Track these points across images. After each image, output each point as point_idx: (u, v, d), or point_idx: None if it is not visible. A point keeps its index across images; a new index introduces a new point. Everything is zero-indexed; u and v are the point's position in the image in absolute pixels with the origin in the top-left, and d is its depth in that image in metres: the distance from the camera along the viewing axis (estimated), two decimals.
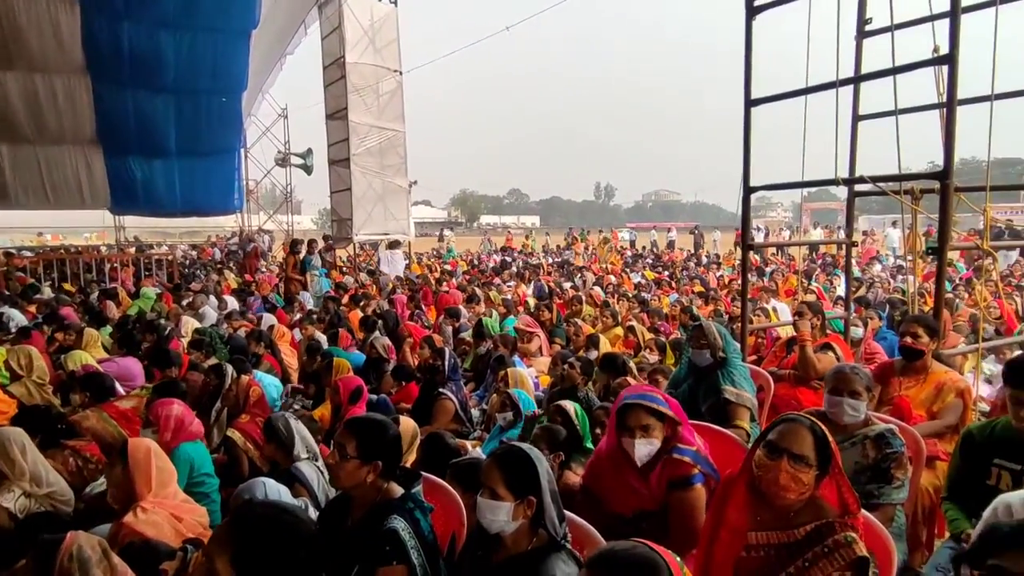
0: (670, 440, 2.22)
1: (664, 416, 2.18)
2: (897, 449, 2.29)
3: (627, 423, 2.17)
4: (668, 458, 2.18)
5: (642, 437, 2.14)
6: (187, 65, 10.39)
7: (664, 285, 9.93)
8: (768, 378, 3.54)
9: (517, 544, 1.63)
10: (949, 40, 3.31)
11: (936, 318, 3.44)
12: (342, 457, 1.74)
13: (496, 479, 1.60)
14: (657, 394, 2.27)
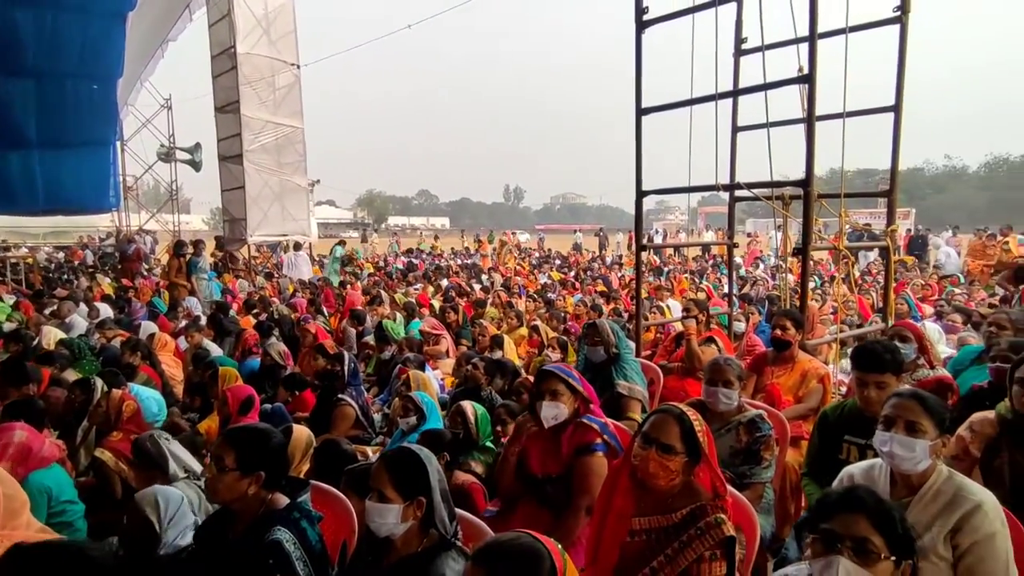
0: (581, 410, 2.43)
1: (574, 389, 2.38)
2: (765, 432, 2.51)
3: (540, 387, 2.40)
4: (579, 422, 2.40)
5: (550, 400, 2.35)
6: (50, 47, 9.25)
7: (569, 286, 10.23)
8: (658, 371, 3.76)
9: (407, 546, 1.61)
10: (808, 62, 3.69)
11: (801, 312, 3.81)
12: (219, 470, 1.64)
13: (384, 481, 1.58)
14: (572, 372, 2.48)
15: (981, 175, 66.44)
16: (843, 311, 6.22)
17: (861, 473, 1.96)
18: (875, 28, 4.31)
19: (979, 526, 1.66)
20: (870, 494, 1.36)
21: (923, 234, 19.84)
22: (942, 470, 1.80)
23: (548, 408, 2.34)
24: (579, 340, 4.01)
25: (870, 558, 1.28)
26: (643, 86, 4.40)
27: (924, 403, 1.80)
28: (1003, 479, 2.08)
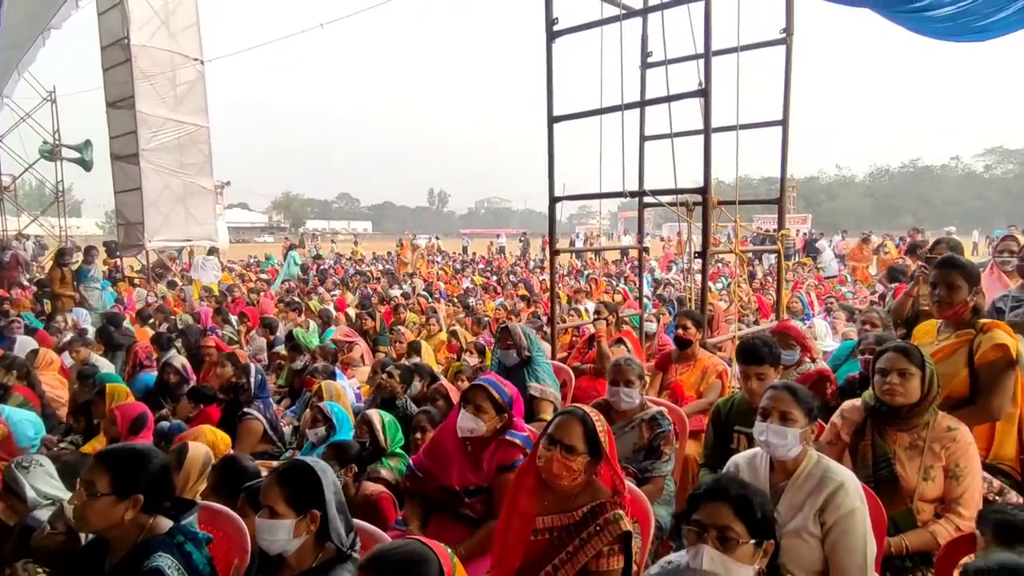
0: (506, 426, 2.41)
1: (500, 406, 2.36)
2: (665, 428, 2.65)
3: (466, 397, 2.38)
4: (502, 439, 2.38)
5: (472, 413, 2.33)
6: None
7: (491, 290, 10.28)
8: (570, 373, 3.86)
9: (302, 561, 1.57)
10: (704, 77, 3.93)
11: (702, 312, 4.04)
12: (90, 495, 1.52)
13: (275, 497, 1.53)
14: (504, 386, 2.45)
15: (867, 183, 73.24)
16: (740, 310, 6.64)
17: (745, 461, 2.10)
18: (764, 48, 4.66)
19: (841, 503, 1.82)
20: (733, 484, 1.46)
21: (816, 238, 21.58)
22: (812, 455, 1.97)
23: (466, 419, 2.32)
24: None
25: (732, 544, 1.38)
26: (554, 94, 4.51)
27: (795, 394, 1.96)
28: (867, 460, 2.30)
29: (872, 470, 2.28)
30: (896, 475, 2.22)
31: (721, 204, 4.52)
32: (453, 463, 2.33)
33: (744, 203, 4.92)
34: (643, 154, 5.33)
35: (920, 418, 2.23)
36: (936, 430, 2.21)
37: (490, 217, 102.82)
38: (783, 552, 1.86)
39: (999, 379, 2.38)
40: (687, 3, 4.01)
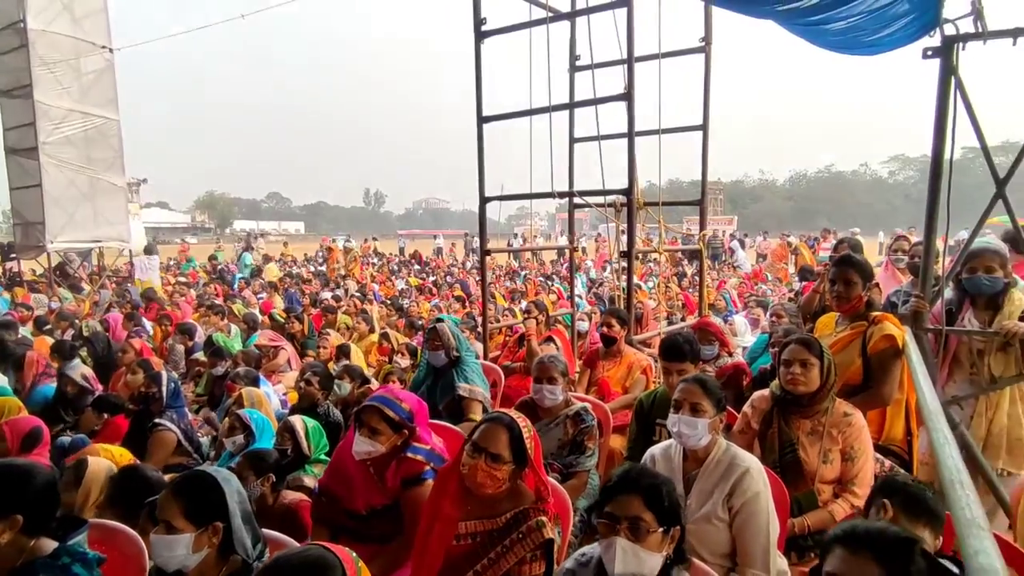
0: (407, 441, 2.30)
1: (396, 423, 2.24)
2: (589, 423, 2.70)
3: (359, 419, 2.24)
4: (403, 457, 2.26)
5: (366, 436, 2.20)
6: None
7: (426, 291, 10.17)
8: (499, 372, 3.87)
9: None
10: (627, 82, 4.04)
11: (628, 311, 4.15)
12: None
13: (172, 511, 1.44)
14: (399, 400, 2.31)
15: (787, 187, 77.83)
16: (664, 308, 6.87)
17: (661, 452, 2.18)
18: (684, 55, 4.85)
19: (747, 488, 1.92)
20: (643, 475, 1.51)
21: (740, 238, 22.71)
22: (721, 443, 2.06)
23: (361, 443, 2.18)
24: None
25: (643, 533, 1.42)
26: (483, 94, 4.52)
27: (704, 386, 2.06)
28: (774, 446, 2.43)
29: (778, 455, 2.42)
30: (799, 459, 2.36)
31: (647, 205, 4.67)
32: (356, 486, 2.22)
33: (668, 204, 5.10)
34: (572, 156, 5.42)
35: (820, 405, 2.39)
36: (834, 416, 2.37)
37: (428, 218, 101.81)
38: (694, 537, 1.95)
39: (888, 367, 2.58)
40: (611, 9, 4.11)
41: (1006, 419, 2.78)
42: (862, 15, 2.35)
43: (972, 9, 2.71)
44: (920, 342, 2.88)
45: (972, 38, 2.68)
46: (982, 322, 2.83)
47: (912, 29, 2.66)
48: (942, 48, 2.72)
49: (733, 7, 2.53)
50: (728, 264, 17.19)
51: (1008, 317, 2.74)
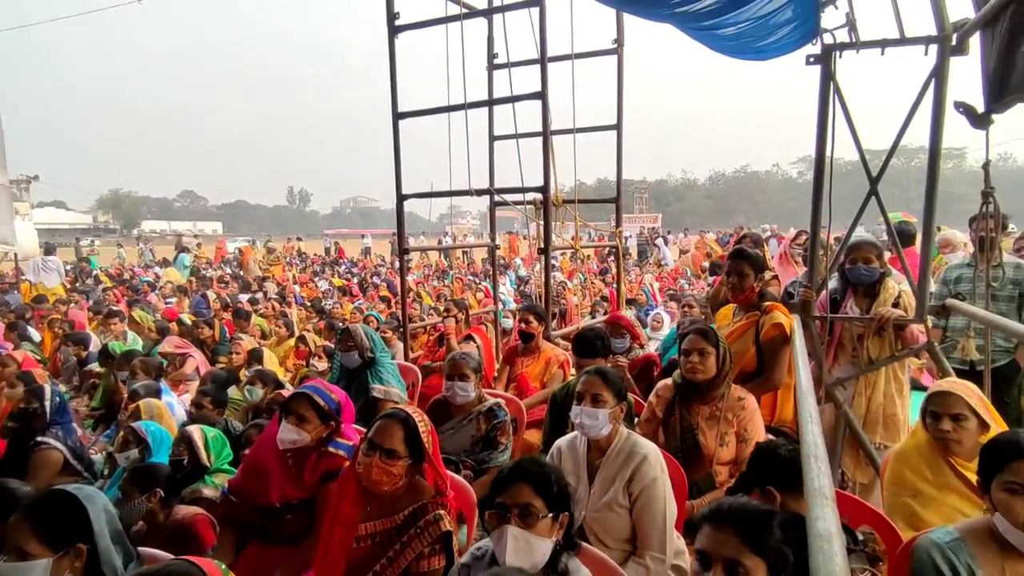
0: (331, 435, 2.28)
1: (325, 412, 2.22)
2: (502, 419, 2.71)
3: (287, 407, 2.21)
4: (324, 451, 2.24)
5: (293, 424, 2.17)
6: None
7: (349, 292, 9.91)
8: (417, 372, 3.83)
9: None
10: (540, 81, 4.09)
11: (546, 307, 4.22)
12: None
13: (24, 536, 1.32)
14: (330, 391, 2.30)
15: (707, 186, 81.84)
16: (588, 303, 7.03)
17: (566, 444, 2.22)
18: (597, 56, 4.97)
19: (646, 474, 1.99)
20: (533, 464, 1.53)
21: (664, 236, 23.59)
22: (623, 432, 2.13)
23: (287, 431, 2.15)
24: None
25: (533, 519, 1.45)
26: (398, 90, 4.44)
27: (604, 377, 2.11)
28: (676, 433, 2.54)
29: (680, 441, 2.53)
30: (699, 443, 2.48)
31: (566, 203, 4.75)
32: (273, 478, 2.15)
33: (584, 202, 5.22)
34: (493, 153, 5.44)
35: (717, 391, 2.52)
36: (729, 400, 2.51)
37: (357, 217, 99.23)
38: (597, 524, 2.01)
39: (778, 354, 2.76)
40: (524, 8, 4.14)
41: (882, 397, 3.04)
42: (749, 22, 2.49)
43: (847, 20, 2.94)
44: (809, 329, 3.10)
45: (847, 47, 2.91)
46: (862, 309, 3.08)
47: (795, 37, 2.85)
48: (822, 56, 2.93)
49: (630, 9, 2.61)
50: (655, 261, 17.82)
51: (883, 304, 2.99)
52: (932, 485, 2.04)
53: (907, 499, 2.07)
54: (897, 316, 2.90)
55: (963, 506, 1.96)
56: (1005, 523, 1.37)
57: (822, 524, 0.93)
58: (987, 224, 2.91)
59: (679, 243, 22.78)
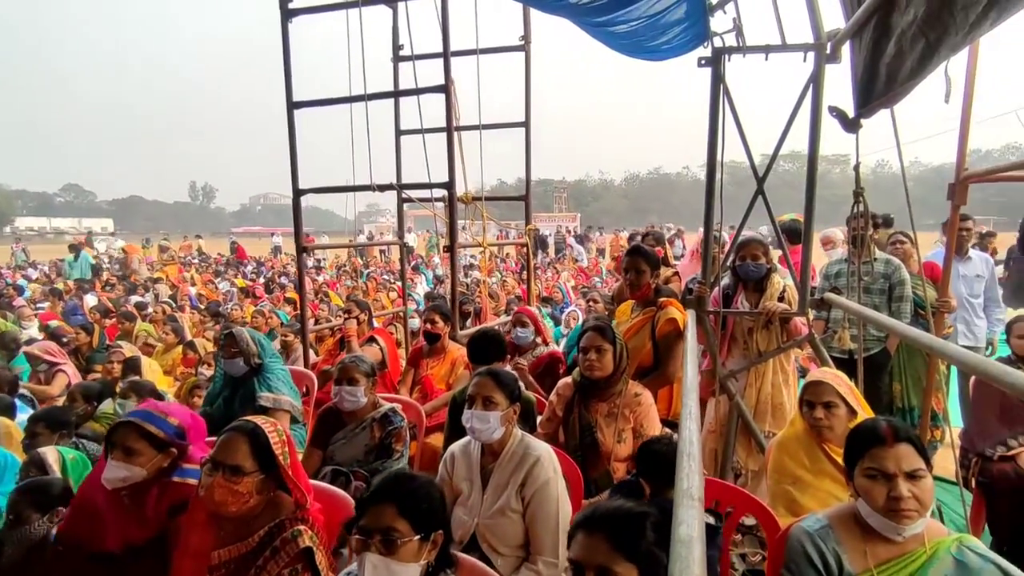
0: (175, 462, 1.97)
1: (161, 442, 1.91)
2: (397, 425, 2.58)
3: (111, 440, 1.87)
4: (167, 482, 1.93)
5: (120, 460, 1.83)
6: None
7: (252, 294, 9.33)
8: (312, 378, 3.61)
9: None
10: (444, 75, 3.97)
11: (452, 306, 4.11)
12: None
13: None
14: (165, 414, 1.96)
15: (623, 187, 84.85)
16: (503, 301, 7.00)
17: (460, 449, 2.14)
18: (504, 52, 4.93)
19: (538, 476, 1.95)
20: (399, 481, 1.42)
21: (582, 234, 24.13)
22: (516, 434, 2.07)
23: (113, 468, 1.81)
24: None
25: (395, 545, 1.32)
26: (292, 77, 4.18)
27: (496, 379, 2.05)
28: (575, 431, 2.53)
29: (579, 439, 2.51)
30: (597, 441, 2.47)
31: (475, 200, 4.67)
32: (108, 521, 1.84)
33: (493, 199, 5.16)
34: (399, 148, 5.26)
35: (615, 388, 2.52)
36: (626, 397, 2.52)
37: (268, 215, 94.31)
38: (489, 531, 1.93)
39: (672, 348, 2.81)
40: None
41: (770, 387, 3.18)
42: (640, 20, 2.51)
43: (734, 25, 3.05)
44: (703, 324, 3.20)
45: (735, 51, 3.01)
46: (751, 304, 3.22)
47: (687, 38, 2.91)
48: (712, 59, 3.02)
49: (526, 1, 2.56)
50: (570, 258, 18.16)
51: (769, 299, 3.14)
52: (809, 471, 2.13)
53: (787, 486, 2.16)
54: (782, 310, 3.05)
55: (837, 490, 2.05)
56: (866, 507, 1.43)
57: (684, 529, 0.90)
58: (858, 223, 3.12)
59: (596, 242, 23.39)
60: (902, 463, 1.38)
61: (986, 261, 4.57)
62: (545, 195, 67.14)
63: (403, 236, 5.61)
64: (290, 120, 4.22)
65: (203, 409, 3.13)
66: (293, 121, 4.23)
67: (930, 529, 1.42)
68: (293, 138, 4.25)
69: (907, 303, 3.96)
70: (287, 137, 4.28)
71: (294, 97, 4.19)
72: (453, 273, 4.20)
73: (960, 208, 3.72)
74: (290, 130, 4.24)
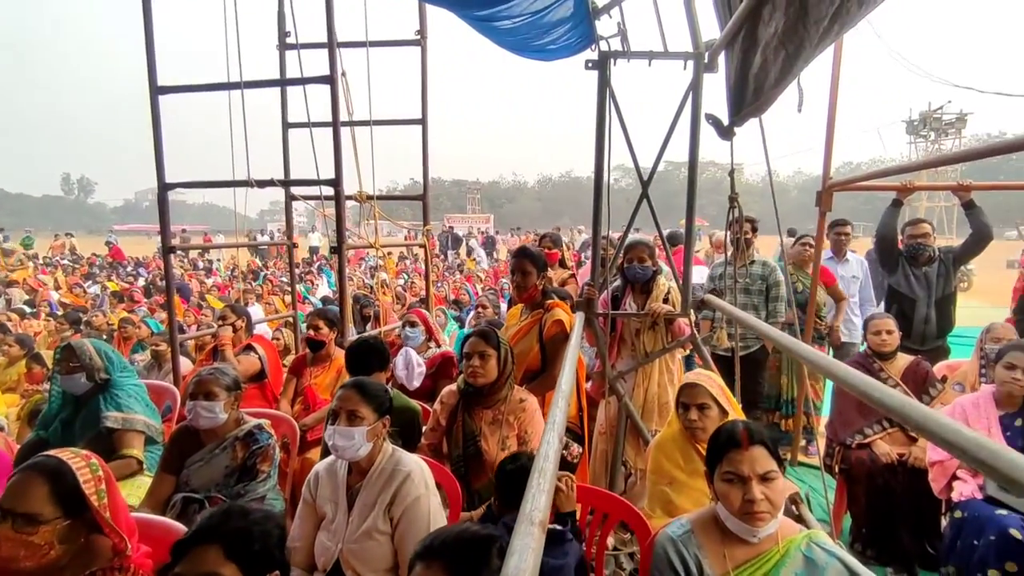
0: None
1: None
2: (263, 443, 2.35)
3: None
4: None
5: None
6: None
7: (127, 298, 8.46)
8: (175, 393, 3.26)
9: None
10: (329, 66, 3.74)
11: (341, 309, 3.88)
12: None
13: None
14: None
15: (536, 189, 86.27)
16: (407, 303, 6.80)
17: (325, 468, 1.97)
18: (398, 47, 4.75)
19: (408, 493, 1.82)
20: (226, 519, 1.24)
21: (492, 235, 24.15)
22: (387, 449, 1.93)
23: None
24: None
25: None
26: (155, 60, 3.78)
27: (363, 391, 1.90)
28: (458, 440, 2.43)
29: (462, 449, 2.41)
30: (481, 450, 2.38)
31: (369, 199, 4.45)
32: None
33: (388, 198, 4.96)
34: (287, 141, 4.94)
35: (499, 394, 2.44)
36: (511, 403, 2.45)
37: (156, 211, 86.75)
38: (355, 556, 1.78)
39: (559, 351, 2.78)
40: None
41: (656, 387, 3.25)
42: (522, 17, 2.45)
43: (619, 30, 3.08)
44: (592, 326, 3.22)
45: (620, 56, 3.04)
46: (639, 305, 3.27)
47: (573, 39, 2.90)
48: (599, 62, 3.03)
49: None
50: (470, 261, 18.06)
51: (655, 300, 3.20)
52: (684, 472, 2.16)
53: (664, 487, 2.18)
54: (666, 311, 3.12)
55: (710, 491, 2.10)
56: (724, 511, 1.43)
57: (515, 562, 0.81)
58: (735, 227, 3.26)
59: (508, 243, 23.53)
60: (756, 466, 1.39)
61: (861, 263, 4.96)
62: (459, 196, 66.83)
63: (291, 235, 5.26)
64: (154, 107, 3.82)
65: (36, 435, 2.72)
66: (158, 108, 3.82)
67: (783, 528, 1.45)
68: (158, 126, 3.85)
69: (782, 303, 4.22)
70: (151, 125, 3.86)
71: (159, 81, 3.79)
72: (341, 275, 3.98)
73: (827, 214, 4.04)
74: (154, 118, 3.83)
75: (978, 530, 2.32)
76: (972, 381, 3.31)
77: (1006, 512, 2.31)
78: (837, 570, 1.35)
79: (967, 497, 2.47)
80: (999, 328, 3.38)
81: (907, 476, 2.90)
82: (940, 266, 4.12)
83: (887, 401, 1.13)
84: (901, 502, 2.89)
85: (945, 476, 2.65)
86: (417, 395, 3.38)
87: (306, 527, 1.89)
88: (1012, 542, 2.22)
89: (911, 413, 1.04)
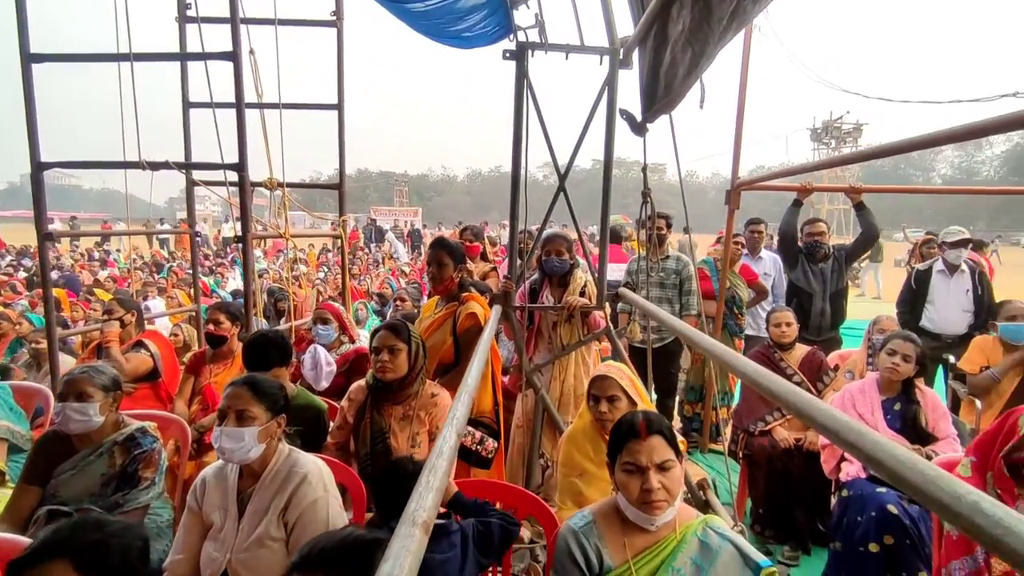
0: None
1: None
2: (146, 448, 2.15)
3: None
4: None
5: None
6: None
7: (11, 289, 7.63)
8: (48, 396, 2.94)
9: None
10: (232, 43, 3.48)
11: (246, 301, 3.65)
12: None
13: None
14: None
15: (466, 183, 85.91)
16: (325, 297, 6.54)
17: (214, 473, 1.81)
18: (310, 26, 4.51)
19: (304, 496, 1.71)
20: (75, 532, 1.10)
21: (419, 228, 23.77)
22: (283, 450, 1.81)
23: None
24: None
25: None
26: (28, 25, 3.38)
27: (255, 388, 1.76)
28: (366, 438, 2.33)
29: (370, 447, 2.32)
30: (390, 447, 2.29)
31: (280, 186, 4.21)
32: None
33: (300, 186, 4.73)
34: (188, 122, 4.58)
35: (410, 389, 2.36)
36: (422, 398, 2.37)
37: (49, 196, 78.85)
38: (244, 567, 1.65)
39: (473, 344, 2.73)
40: None
41: (573, 379, 3.27)
42: (436, 1, 2.37)
43: (536, 21, 3.06)
44: (510, 319, 3.19)
45: (538, 47, 3.02)
46: (555, 298, 3.28)
47: (490, 28, 2.85)
48: (516, 52, 3.00)
49: None
50: (386, 254, 17.67)
51: (571, 293, 3.22)
52: (593, 463, 2.17)
53: (575, 479, 2.18)
54: (582, 304, 3.15)
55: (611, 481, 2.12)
56: (624, 501, 1.44)
57: (388, 567, 0.75)
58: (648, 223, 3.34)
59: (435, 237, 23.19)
60: (654, 455, 1.40)
61: (775, 261, 5.21)
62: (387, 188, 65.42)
63: (193, 223, 4.90)
64: (26, 75, 3.42)
65: None
66: (30, 77, 3.42)
67: (681, 514, 1.47)
68: (31, 98, 3.45)
69: (695, 296, 4.38)
70: (23, 96, 3.46)
71: (31, 48, 3.40)
72: (247, 266, 3.73)
73: (736, 212, 4.23)
74: (26, 88, 3.43)
75: (861, 507, 2.49)
76: (861, 369, 3.58)
77: (884, 490, 2.49)
78: (729, 552, 1.39)
79: (853, 477, 2.65)
80: (884, 320, 3.66)
81: (803, 459, 3.08)
82: (834, 263, 4.42)
83: (774, 389, 1.16)
84: (797, 484, 3.07)
85: (835, 458, 2.83)
86: (329, 393, 3.23)
87: (190, 537, 1.74)
88: (890, 517, 2.40)
89: (793, 400, 1.07)
